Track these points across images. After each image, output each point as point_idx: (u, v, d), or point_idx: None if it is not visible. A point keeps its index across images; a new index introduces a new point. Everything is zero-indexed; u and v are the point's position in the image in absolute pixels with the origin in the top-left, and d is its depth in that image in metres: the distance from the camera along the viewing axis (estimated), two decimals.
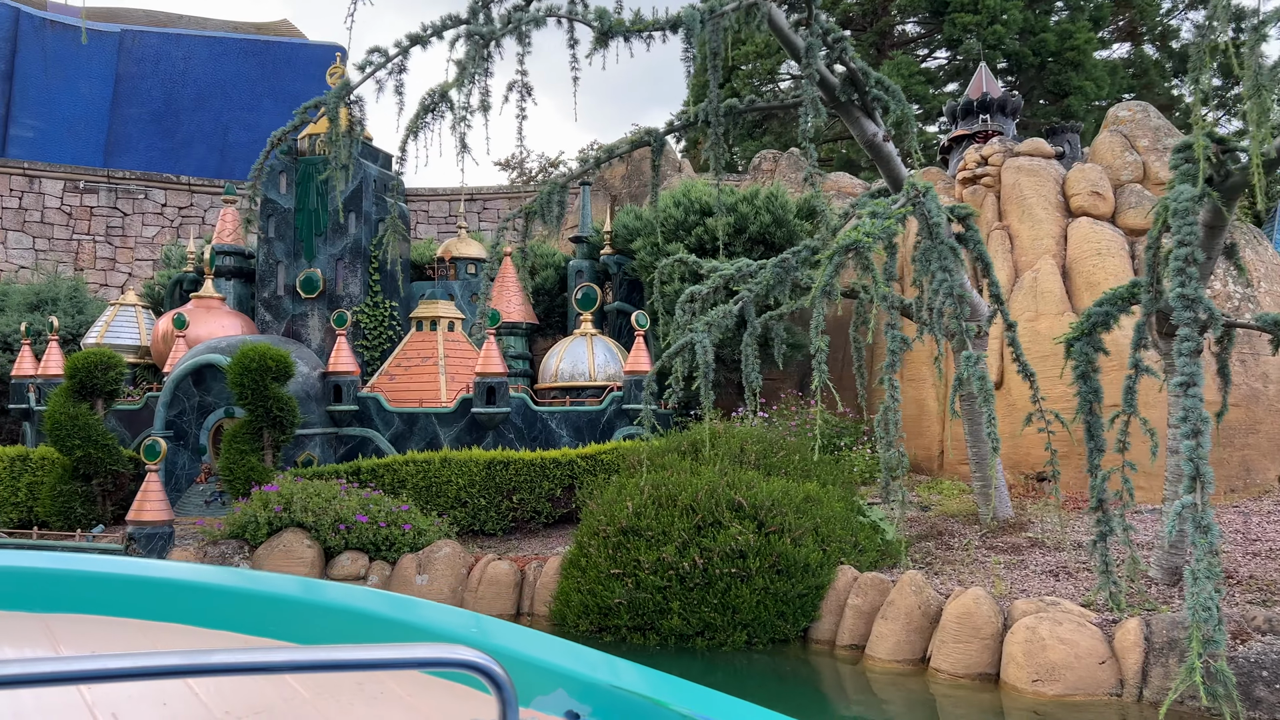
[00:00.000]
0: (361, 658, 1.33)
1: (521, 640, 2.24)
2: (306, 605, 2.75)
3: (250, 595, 2.84)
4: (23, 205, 22.27)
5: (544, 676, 2.06)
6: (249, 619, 2.76)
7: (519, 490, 12.04)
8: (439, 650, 1.36)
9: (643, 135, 9.94)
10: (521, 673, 1.97)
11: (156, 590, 2.90)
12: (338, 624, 2.65)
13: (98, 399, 12.92)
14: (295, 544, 10.25)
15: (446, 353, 14.20)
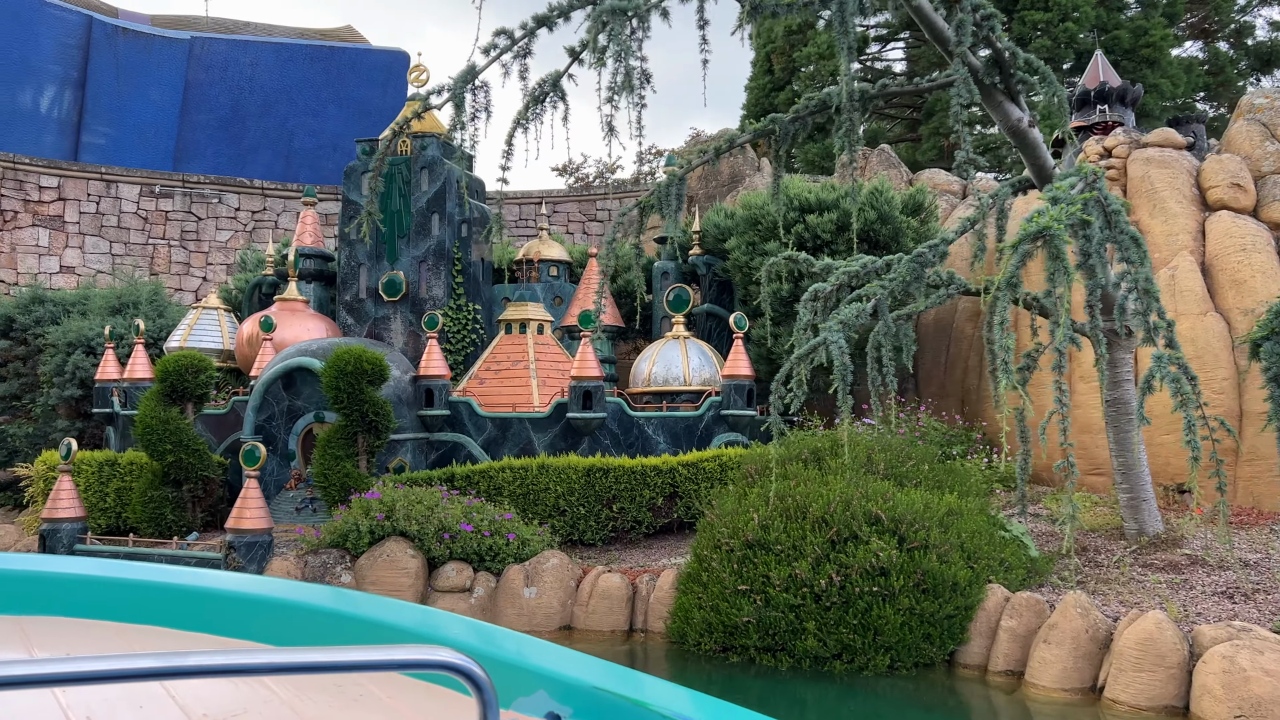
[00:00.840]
0: (340, 659, 1.31)
1: (502, 641, 2.25)
2: (284, 606, 2.74)
3: (226, 597, 2.83)
4: (100, 210, 22.34)
5: (525, 678, 2.05)
6: (226, 621, 2.75)
7: (619, 499, 11.56)
8: (419, 652, 1.35)
9: (767, 124, 9.41)
10: (502, 674, 1.90)
11: (131, 592, 2.90)
12: (316, 625, 2.64)
13: (188, 403, 12.68)
14: (399, 554, 9.85)
15: (537, 356, 13.78)
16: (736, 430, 13.01)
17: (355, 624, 2.56)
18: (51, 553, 10.76)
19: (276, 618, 2.74)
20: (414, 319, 15.67)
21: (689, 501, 11.77)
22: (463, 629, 2.42)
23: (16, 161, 21.63)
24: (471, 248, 15.99)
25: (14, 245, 21.35)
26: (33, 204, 21.63)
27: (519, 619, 9.63)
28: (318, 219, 17.99)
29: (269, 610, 2.76)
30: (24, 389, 17.76)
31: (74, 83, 28.44)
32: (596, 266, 16.20)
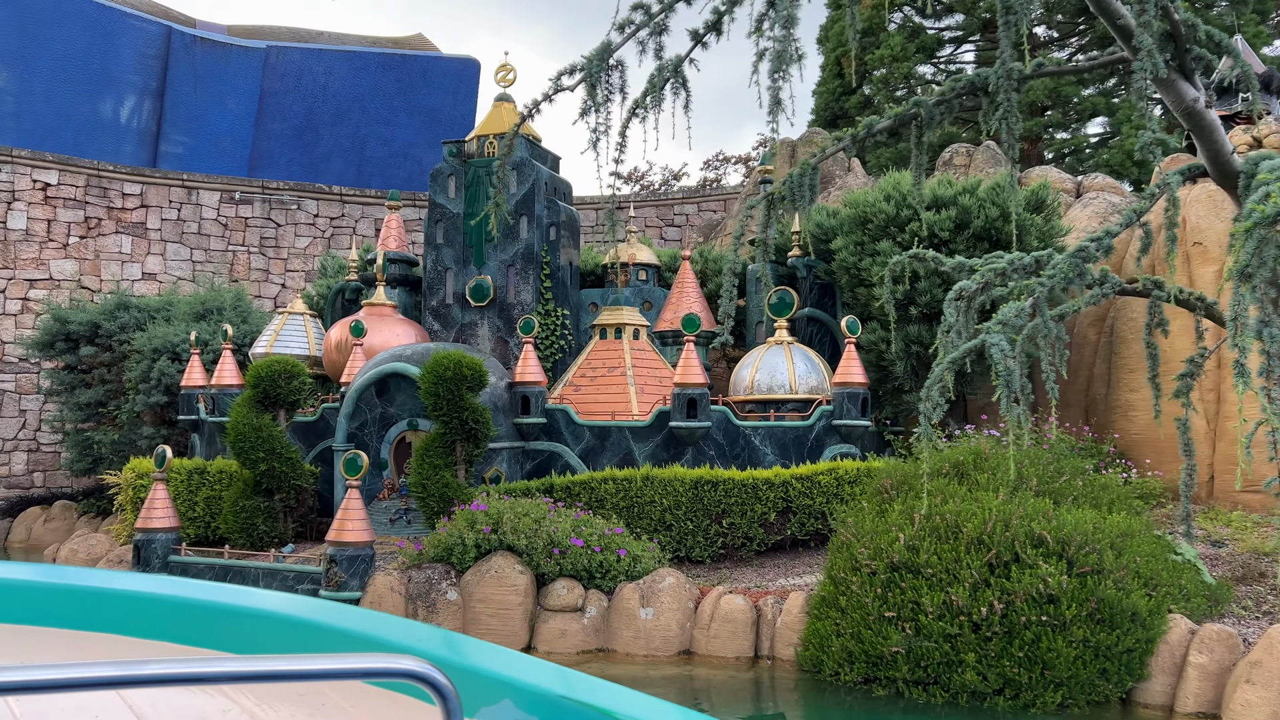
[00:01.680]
0: (302, 668, 1.29)
1: (467, 650, 2.23)
2: (245, 614, 2.70)
3: (186, 604, 2.78)
4: (181, 217, 22.34)
5: (491, 687, 2.03)
6: (185, 629, 2.70)
7: (729, 513, 10.90)
8: (382, 660, 1.33)
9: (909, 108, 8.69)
10: (467, 683, 1.89)
11: (88, 599, 2.86)
12: (278, 633, 2.59)
13: (280, 409, 12.32)
14: (507, 570, 9.30)
15: (634, 362, 13.20)
16: (849, 441, 12.27)
17: (317, 632, 2.52)
18: (146, 565, 10.42)
19: (235, 625, 2.68)
20: (501, 324, 15.22)
21: (803, 518, 11.07)
22: (426, 636, 2.36)
23: (101, 169, 21.71)
24: (560, 251, 15.50)
25: (98, 252, 21.41)
26: (116, 211, 21.69)
27: (635, 641, 9.01)
28: (402, 223, 17.66)
29: (231, 618, 2.70)
30: (109, 395, 17.67)
31: (153, 92, 28.68)
32: (690, 269, 15.60)
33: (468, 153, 15.86)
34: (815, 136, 20.68)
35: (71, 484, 20.23)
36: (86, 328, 17.80)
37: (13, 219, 20.72)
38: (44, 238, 20.93)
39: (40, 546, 18.73)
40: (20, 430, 20.29)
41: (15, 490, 20.11)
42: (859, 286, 13.51)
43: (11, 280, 20.59)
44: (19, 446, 20.25)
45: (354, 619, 2.54)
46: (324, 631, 2.52)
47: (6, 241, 20.61)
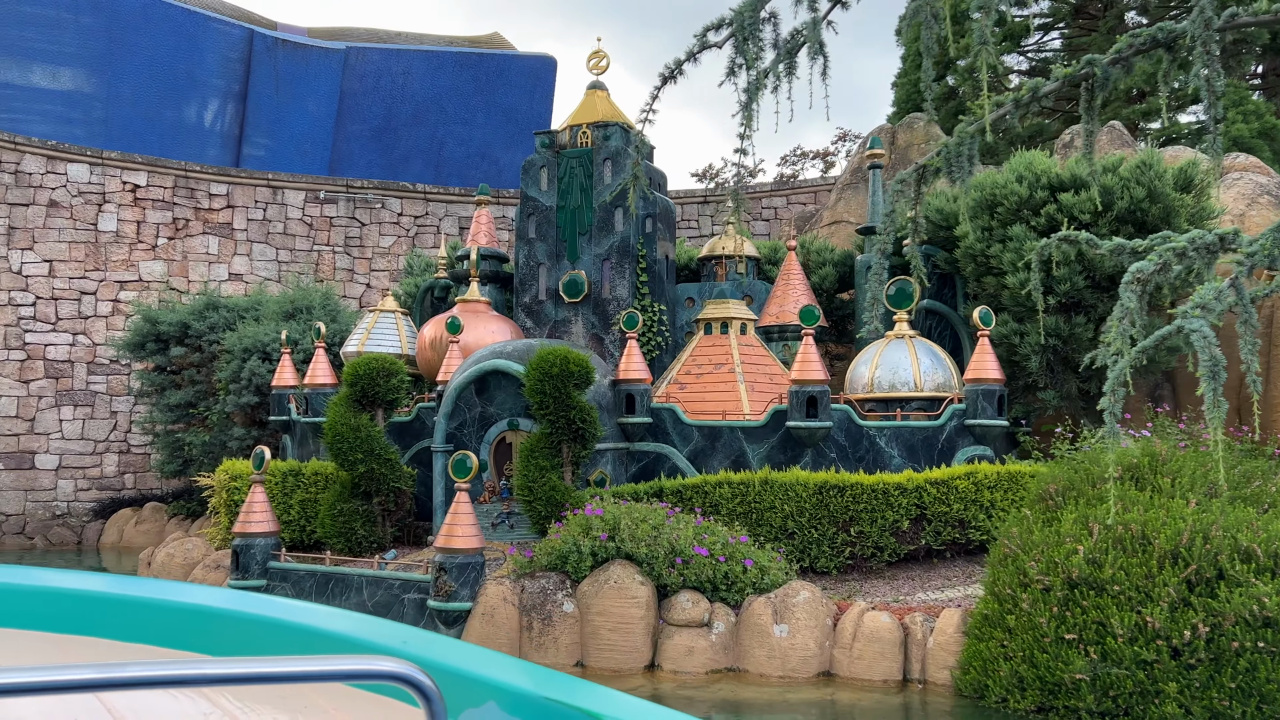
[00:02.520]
0: (284, 670, 1.28)
1: (450, 651, 2.21)
2: (227, 617, 2.66)
3: (167, 607, 2.75)
4: (266, 217, 22.22)
5: (474, 689, 2.02)
6: (167, 632, 2.67)
7: (857, 521, 10.08)
8: (366, 662, 1.32)
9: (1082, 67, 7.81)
10: (451, 685, 1.85)
11: (68, 602, 2.82)
12: (260, 636, 2.56)
13: (378, 409, 11.84)
14: (627, 580, 8.62)
15: (742, 358, 12.45)
16: (984, 443, 11.35)
17: (299, 634, 2.47)
18: (245, 571, 9.99)
19: (221, 628, 2.62)
20: (596, 321, 14.61)
21: (938, 526, 10.20)
22: (409, 638, 2.33)
23: (188, 169, 21.69)
24: (656, 244, 14.83)
25: (185, 253, 21.38)
26: (203, 211, 21.64)
27: (769, 661, 8.26)
28: (492, 218, 17.17)
29: (213, 620, 2.65)
30: (199, 396, 17.50)
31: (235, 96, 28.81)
32: (796, 260, 14.78)
33: (560, 143, 15.26)
34: (916, 122, 19.71)
35: (161, 485, 20.19)
36: (176, 328, 17.67)
37: (103, 221, 20.78)
38: (133, 239, 20.96)
39: (132, 549, 18.66)
40: (111, 432, 20.32)
41: (107, 492, 20.14)
42: (986, 275, 12.57)
43: (102, 282, 20.64)
44: (110, 448, 20.28)
45: (335, 621, 2.49)
46: (306, 634, 2.46)
47: (97, 244, 20.68)
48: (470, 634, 8.70)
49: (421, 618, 9.04)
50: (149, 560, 12.58)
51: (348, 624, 2.50)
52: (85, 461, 20.10)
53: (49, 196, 20.52)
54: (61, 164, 20.71)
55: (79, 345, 20.32)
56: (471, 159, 31.28)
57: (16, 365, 19.92)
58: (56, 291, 20.33)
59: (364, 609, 9.46)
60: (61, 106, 26.35)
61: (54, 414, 20.02)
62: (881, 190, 15.32)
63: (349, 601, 9.53)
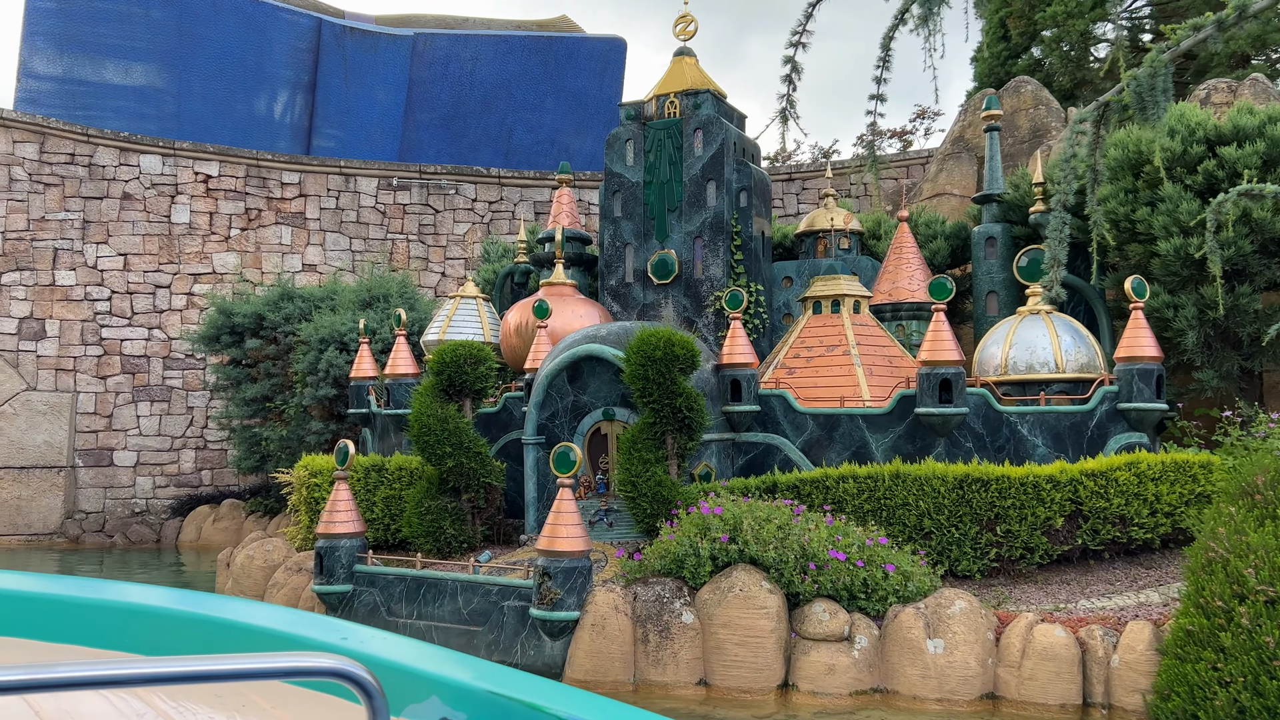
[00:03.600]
0: (220, 669, 1.27)
1: (391, 646, 2.20)
2: (161, 615, 2.60)
3: (99, 606, 2.69)
4: (339, 205, 21.66)
5: (416, 683, 2.00)
6: (98, 631, 2.60)
7: (1004, 519, 8.94)
8: (304, 659, 1.30)
9: None
10: (392, 680, 1.80)
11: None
12: (196, 634, 2.50)
13: (465, 399, 11.01)
14: (753, 588, 7.61)
15: (858, 339, 11.34)
16: (1139, 429, 10.09)
17: (236, 632, 2.42)
18: (330, 575, 9.23)
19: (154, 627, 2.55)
20: (688, 304, 13.62)
21: (1096, 523, 9.00)
22: (349, 633, 2.29)
23: (260, 158, 21.23)
24: (751, 219, 13.76)
25: (259, 244, 20.93)
26: (275, 201, 21.17)
27: (924, 682, 7.19)
28: (574, 198, 16.29)
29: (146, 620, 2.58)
30: (275, 390, 16.95)
31: (305, 86, 28.46)
32: (909, 232, 13.61)
33: (646, 115, 14.27)
34: (1024, 86, 18.28)
35: (239, 482, 19.79)
36: (251, 320, 17.14)
37: (176, 213, 20.42)
38: (206, 230, 20.56)
39: (210, 547, 18.23)
40: (188, 427, 19.97)
41: (185, 489, 19.79)
42: (1131, 242, 11.27)
43: (176, 275, 20.28)
44: (187, 444, 19.92)
45: (273, 617, 2.44)
46: (243, 631, 2.40)
47: (171, 236, 20.32)
48: (578, 647, 7.79)
49: (523, 629, 8.16)
50: (228, 561, 11.96)
51: (285, 620, 2.44)
52: (163, 458, 19.78)
53: (122, 189, 20.23)
54: (134, 156, 20.40)
55: (154, 340, 19.99)
56: (541, 146, 30.61)
57: (94, 361, 19.67)
58: (131, 285, 20.02)
59: (458, 617, 8.63)
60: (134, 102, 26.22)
61: (131, 410, 19.72)
62: (999, 154, 14.03)
63: (442, 609, 8.70)
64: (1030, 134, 17.99)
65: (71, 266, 19.78)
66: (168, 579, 15.82)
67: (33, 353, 19.43)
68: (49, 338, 19.51)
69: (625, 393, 10.96)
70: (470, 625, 8.49)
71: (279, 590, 10.10)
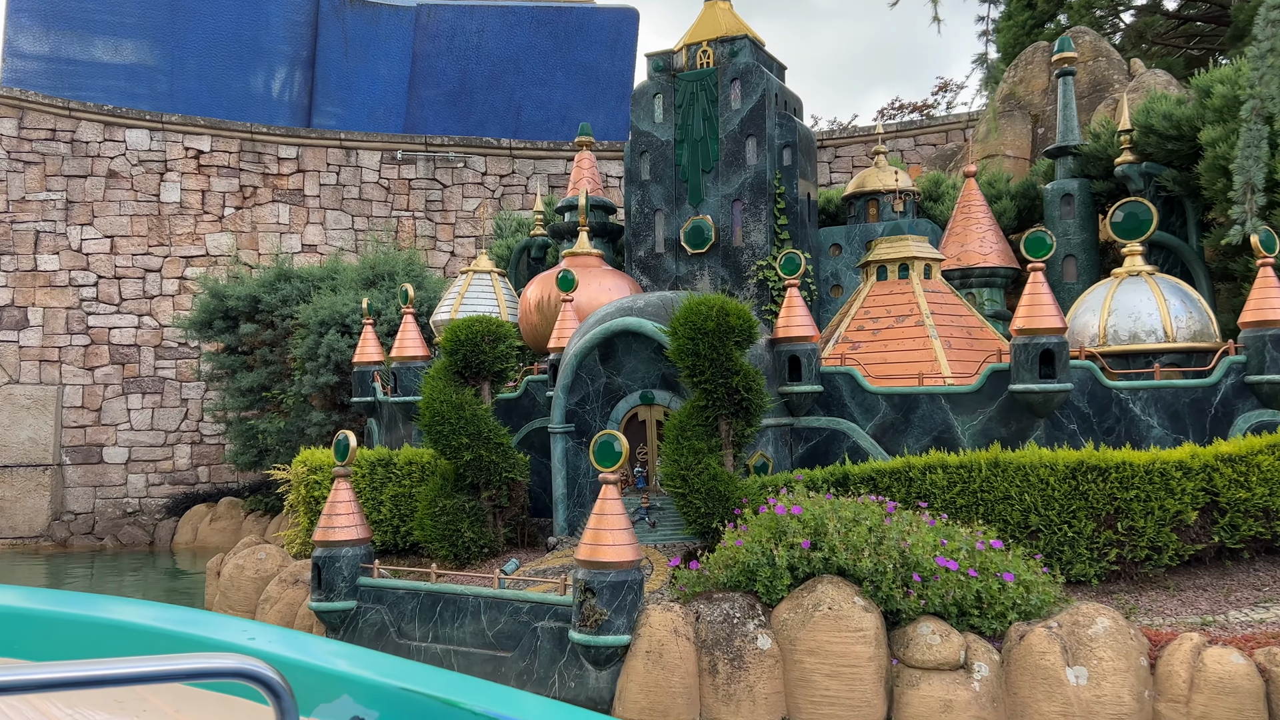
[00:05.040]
0: (119, 673, 1.21)
1: (300, 646, 2.16)
2: (57, 620, 2.46)
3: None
4: (340, 181, 20.26)
5: (326, 682, 1.97)
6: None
7: (1127, 513, 7.51)
8: (208, 660, 1.27)
9: None
10: (302, 680, 1.81)
11: None
12: (96, 638, 2.37)
13: (484, 382, 9.61)
14: (844, 605, 6.20)
15: (932, 308, 9.90)
16: (1272, 405, 8.62)
17: (138, 635, 2.31)
18: (330, 590, 7.84)
19: (51, 632, 2.39)
20: (727, 274, 12.22)
21: (1235, 517, 7.57)
22: (256, 633, 2.22)
23: (254, 132, 19.83)
24: (796, 180, 12.32)
25: (254, 224, 19.54)
26: (272, 177, 19.77)
27: None
28: (595, 162, 14.85)
29: (41, 624, 2.42)
30: (273, 378, 15.59)
31: (303, 62, 27.13)
32: (977, 189, 12.15)
33: (676, 66, 12.82)
34: (1082, 36, 16.77)
35: (237, 478, 18.46)
36: (245, 303, 15.77)
37: (166, 191, 19.03)
38: (198, 210, 19.18)
39: (207, 549, 16.92)
40: (182, 421, 18.63)
41: (180, 486, 18.47)
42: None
43: (167, 258, 18.92)
44: (181, 439, 18.59)
45: (175, 617, 2.36)
46: (141, 633, 2.28)
47: (160, 216, 18.95)
48: (630, 679, 6.40)
49: (561, 655, 6.77)
50: (217, 570, 10.60)
51: (188, 619, 2.32)
52: (156, 454, 18.46)
53: (108, 166, 18.85)
54: (119, 130, 19.01)
55: (145, 328, 18.65)
56: (551, 122, 29.30)
57: (80, 351, 18.33)
58: (119, 269, 18.66)
59: (482, 640, 7.24)
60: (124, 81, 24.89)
61: (121, 403, 18.39)
62: (1074, 102, 12.54)
63: (462, 630, 7.30)
64: (1090, 88, 16.48)
65: (54, 250, 18.42)
66: (159, 585, 14.49)
67: (14, 343, 18.10)
68: (32, 327, 18.18)
69: (666, 372, 9.56)
70: (497, 650, 7.11)
71: (271, 606, 8.74)
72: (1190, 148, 10.44)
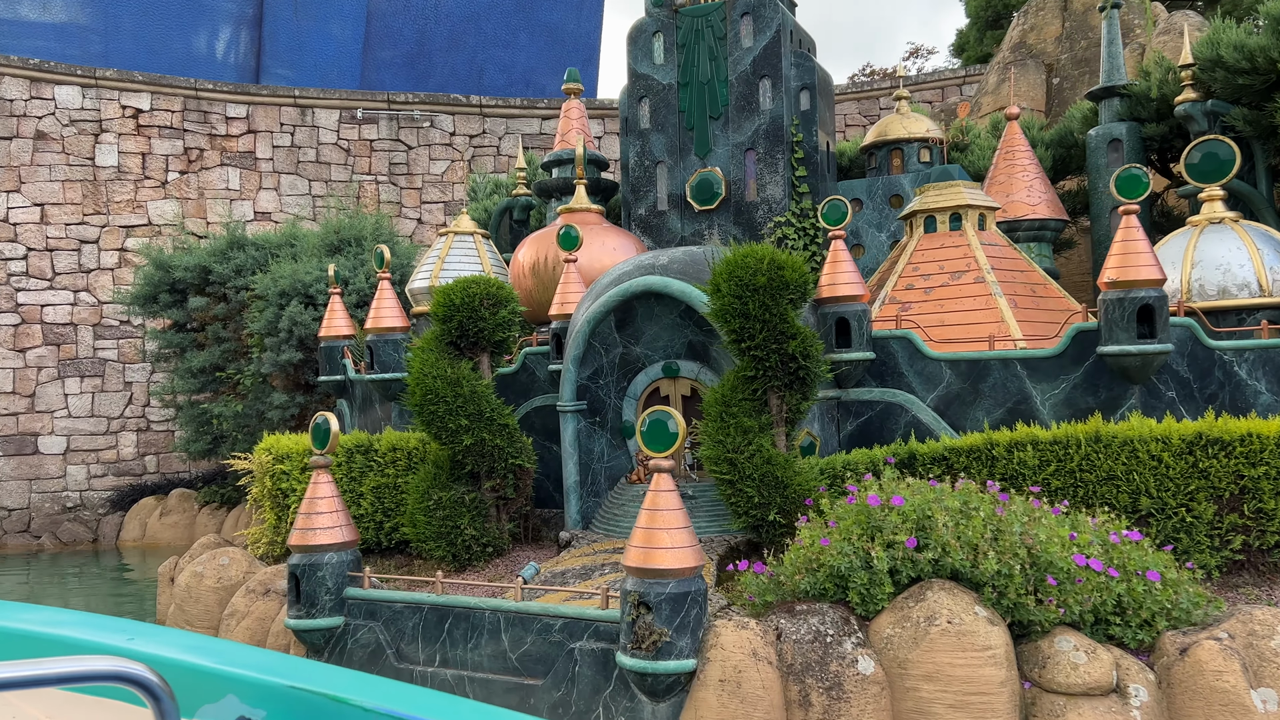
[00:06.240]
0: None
1: (182, 646, 2.06)
2: None
3: None
4: (295, 143, 18.59)
5: (210, 683, 1.90)
6: None
7: (1254, 493, 6.41)
8: (82, 664, 1.23)
9: None
10: (184, 681, 1.71)
11: None
12: None
13: (482, 354, 8.24)
14: (965, 617, 5.00)
15: (991, 263, 8.72)
16: None
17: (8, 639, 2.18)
18: (312, 603, 6.47)
19: None
20: (739, 233, 10.99)
21: None
22: (135, 633, 2.11)
23: (199, 89, 18.07)
24: (814, 126, 11.08)
25: (201, 190, 17.83)
26: (219, 139, 18.05)
27: None
28: (585, 112, 13.46)
29: None
30: (227, 357, 14.03)
31: (249, 21, 25.37)
32: (1020, 132, 10.99)
33: (677, 1, 11.49)
34: None
35: (189, 468, 16.87)
36: (194, 274, 14.17)
37: (101, 154, 17.24)
38: (139, 175, 17.42)
39: (158, 546, 15.35)
40: (126, 407, 16.97)
41: (125, 478, 16.83)
42: None
43: (105, 228, 17.16)
44: (126, 426, 16.93)
45: (44, 617, 2.26)
46: (10, 637, 2.15)
47: (96, 181, 17.17)
48: (700, 713, 5.13)
49: (605, 683, 5.49)
50: (170, 576, 9.15)
51: (59, 619, 2.20)
52: (98, 443, 16.78)
53: (35, 127, 17.02)
54: (48, 87, 17.17)
55: (82, 305, 16.92)
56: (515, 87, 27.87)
57: (9, 331, 16.57)
58: (51, 241, 16.88)
59: (503, 664, 5.92)
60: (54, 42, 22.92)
61: (57, 387, 16.67)
62: (1120, 39, 11.41)
63: (479, 651, 5.98)
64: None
65: None
66: (106, 592, 12.93)
67: None
68: None
69: (694, 340, 8.29)
70: (523, 676, 5.81)
71: (238, 622, 7.34)
72: (1264, 81, 9.34)
